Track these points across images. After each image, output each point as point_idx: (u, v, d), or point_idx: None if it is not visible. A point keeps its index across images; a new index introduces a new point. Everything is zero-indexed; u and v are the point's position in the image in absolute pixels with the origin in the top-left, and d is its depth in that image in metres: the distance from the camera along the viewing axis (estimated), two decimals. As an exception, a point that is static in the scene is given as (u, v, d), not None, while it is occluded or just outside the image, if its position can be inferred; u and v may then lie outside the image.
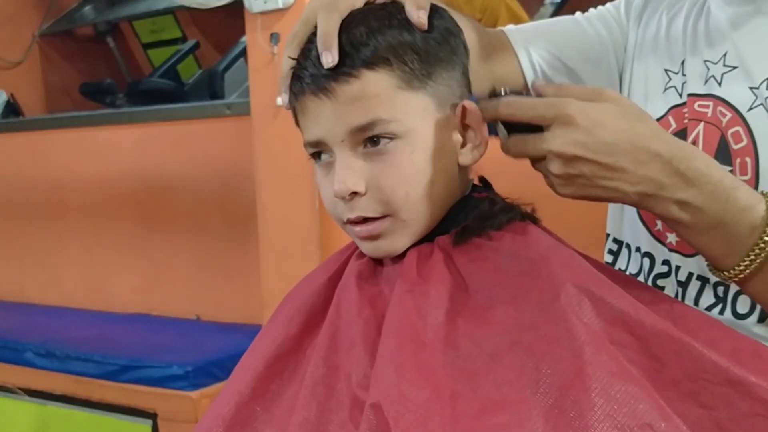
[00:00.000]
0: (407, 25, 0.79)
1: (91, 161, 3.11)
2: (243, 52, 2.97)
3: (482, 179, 0.88)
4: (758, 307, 0.87)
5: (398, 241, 0.80)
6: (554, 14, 2.71)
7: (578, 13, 1.12)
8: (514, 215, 0.81)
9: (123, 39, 4.29)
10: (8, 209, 3.36)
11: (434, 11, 0.82)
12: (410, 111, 0.78)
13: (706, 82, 0.93)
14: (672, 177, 0.74)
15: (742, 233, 0.75)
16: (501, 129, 0.81)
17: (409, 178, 0.78)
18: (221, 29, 3.75)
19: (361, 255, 0.84)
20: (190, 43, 3.90)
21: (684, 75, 0.96)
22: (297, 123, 0.84)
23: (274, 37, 2.27)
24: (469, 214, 0.81)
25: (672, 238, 0.95)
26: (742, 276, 0.77)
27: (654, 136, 0.75)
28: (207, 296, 2.84)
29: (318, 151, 0.82)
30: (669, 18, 1.03)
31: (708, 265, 0.81)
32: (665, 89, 0.98)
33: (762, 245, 0.75)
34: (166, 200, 2.94)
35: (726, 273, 0.78)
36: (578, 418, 0.67)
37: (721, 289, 0.90)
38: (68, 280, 3.20)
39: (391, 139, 0.78)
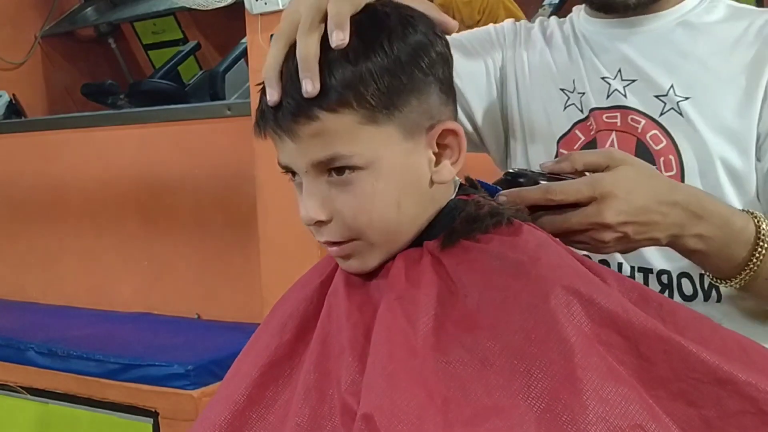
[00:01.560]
0: (378, 49, 0.76)
1: (93, 161, 3.11)
2: (243, 53, 2.99)
3: (468, 179, 0.88)
4: (702, 289, 1.03)
5: (368, 260, 0.81)
6: (552, 15, 2.72)
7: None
8: (501, 218, 0.81)
9: (124, 40, 4.30)
10: (10, 209, 3.37)
11: (406, 22, 0.79)
12: (373, 143, 0.77)
13: (608, 96, 1.07)
14: (690, 218, 0.88)
15: (739, 250, 0.91)
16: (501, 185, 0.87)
17: (372, 207, 0.78)
18: (222, 30, 3.77)
19: None
20: (191, 44, 3.92)
21: (580, 92, 1.09)
22: None
23: (275, 39, 2.27)
24: (456, 218, 0.81)
25: None
26: (742, 283, 0.92)
27: (669, 188, 0.88)
28: (208, 295, 2.85)
29: (290, 170, 0.82)
30: (546, 40, 1.16)
31: (713, 278, 0.95)
32: (565, 107, 1.10)
33: (758, 255, 0.90)
34: (167, 200, 2.95)
35: (730, 282, 0.93)
36: (570, 422, 0.67)
37: (665, 277, 1.04)
38: (70, 279, 3.20)
39: (354, 170, 0.77)
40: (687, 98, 1.03)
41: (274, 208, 2.34)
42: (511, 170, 0.88)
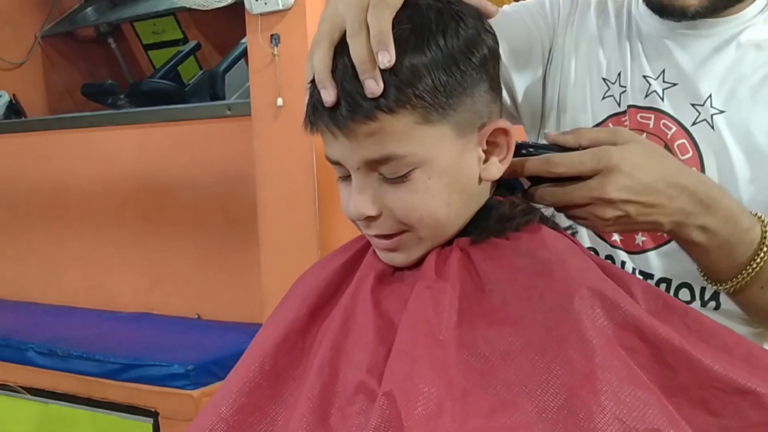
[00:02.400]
0: (433, 46, 0.75)
1: (93, 162, 3.12)
2: (243, 53, 2.98)
3: (506, 181, 0.87)
4: (701, 299, 1.00)
5: (413, 253, 0.81)
6: None
7: (505, 6, 1.14)
8: (533, 217, 0.81)
9: (124, 40, 4.30)
10: (10, 209, 3.37)
11: (457, 17, 0.78)
12: (427, 143, 0.76)
13: (646, 96, 1.04)
14: (696, 206, 0.84)
15: (742, 251, 0.86)
16: (524, 179, 0.85)
17: (423, 204, 0.78)
18: (222, 30, 3.77)
19: None
20: (191, 44, 3.91)
21: (622, 86, 1.06)
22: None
23: (275, 39, 2.28)
24: (490, 218, 0.81)
25: (616, 236, 1.02)
26: (737, 287, 0.88)
27: (679, 171, 0.85)
28: (207, 295, 2.85)
29: (338, 163, 0.81)
30: (599, 25, 1.12)
31: (705, 278, 0.91)
32: (603, 97, 1.07)
33: (758, 260, 0.87)
34: (167, 200, 2.95)
35: (723, 285, 0.89)
36: (587, 419, 0.67)
37: (663, 285, 1.01)
38: (70, 279, 3.21)
39: (407, 171, 0.77)
40: (722, 112, 1.01)
41: (274, 208, 2.35)
42: (518, 142, 0.85)
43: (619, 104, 1.07)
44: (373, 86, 0.73)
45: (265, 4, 2.25)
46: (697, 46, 1.04)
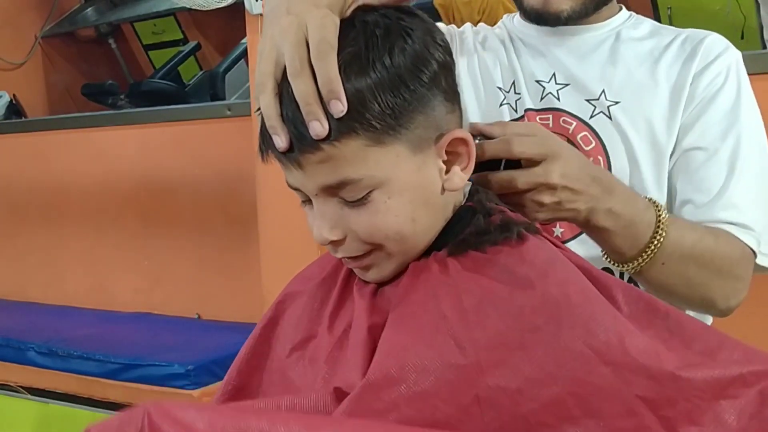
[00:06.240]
0: (377, 67, 0.73)
1: (93, 162, 3.12)
2: (244, 54, 3.00)
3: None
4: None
5: (385, 269, 0.81)
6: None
7: None
8: (510, 235, 0.79)
9: (124, 40, 4.31)
10: (11, 209, 3.37)
11: (403, 32, 0.76)
12: (382, 163, 0.75)
13: (542, 98, 1.12)
14: (603, 192, 0.91)
15: (643, 230, 0.94)
16: None
17: (386, 223, 0.77)
18: (222, 31, 3.78)
19: None
20: (191, 44, 3.92)
21: (517, 93, 1.13)
22: None
23: (275, 39, 2.28)
24: (465, 226, 0.80)
25: (557, 230, 1.08)
26: (642, 266, 0.95)
27: (587, 163, 0.94)
28: (208, 295, 2.86)
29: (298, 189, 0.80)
30: (480, 44, 1.19)
31: (610, 261, 0.98)
32: (500, 104, 1.13)
33: (659, 237, 0.94)
34: (167, 200, 2.95)
35: (629, 265, 0.96)
36: None
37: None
38: (70, 279, 3.21)
39: (365, 193, 0.76)
40: (617, 103, 1.09)
41: (274, 208, 2.35)
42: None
43: (515, 110, 1.12)
44: (318, 128, 0.72)
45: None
46: (578, 48, 1.14)
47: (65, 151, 3.20)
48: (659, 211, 0.95)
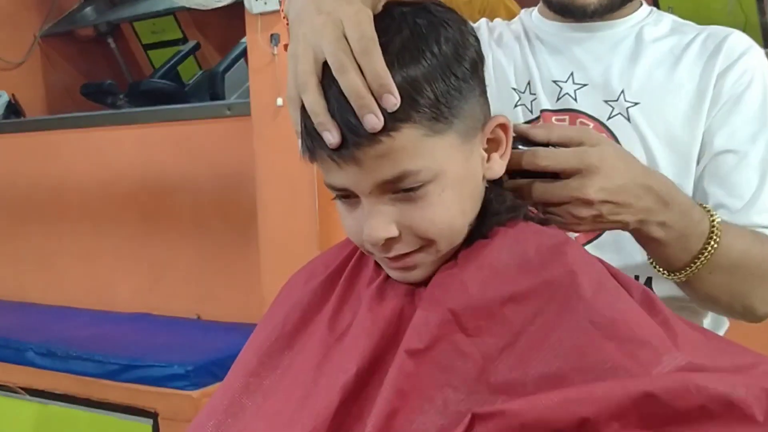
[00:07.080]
0: (427, 54, 0.74)
1: (92, 162, 3.12)
2: (243, 53, 2.99)
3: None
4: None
5: (429, 269, 0.79)
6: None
7: None
8: (518, 214, 0.80)
9: (124, 40, 4.31)
10: (9, 209, 3.37)
11: (438, 25, 0.76)
12: (437, 154, 0.75)
13: (558, 99, 1.09)
14: (658, 204, 0.88)
15: (695, 242, 0.92)
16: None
17: (441, 217, 0.76)
18: (222, 30, 3.77)
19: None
20: (191, 44, 3.92)
21: (532, 94, 1.11)
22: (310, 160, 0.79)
23: (275, 38, 2.28)
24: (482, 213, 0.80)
25: (572, 235, 1.06)
26: (690, 276, 0.94)
27: (645, 172, 0.89)
28: (207, 296, 2.85)
29: (342, 189, 0.78)
30: (496, 41, 1.17)
31: (659, 269, 0.96)
32: (515, 106, 1.11)
33: (710, 248, 0.92)
34: (166, 200, 2.95)
35: (677, 274, 0.94)
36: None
37: None
38: (69, 279, 3.21)
39: (421, 184, 0.75)
40: (636, 104, 1.07)
41: (274, 208, 2.35)
42: None
43: (531, 111, 1.10)
44: (374, 121, 0.71)
45: (265, 3, 2.25)
46: (598, 46, 1.11)
47: (64, 151, 3.19)
48: (713, 221, 0.93)
